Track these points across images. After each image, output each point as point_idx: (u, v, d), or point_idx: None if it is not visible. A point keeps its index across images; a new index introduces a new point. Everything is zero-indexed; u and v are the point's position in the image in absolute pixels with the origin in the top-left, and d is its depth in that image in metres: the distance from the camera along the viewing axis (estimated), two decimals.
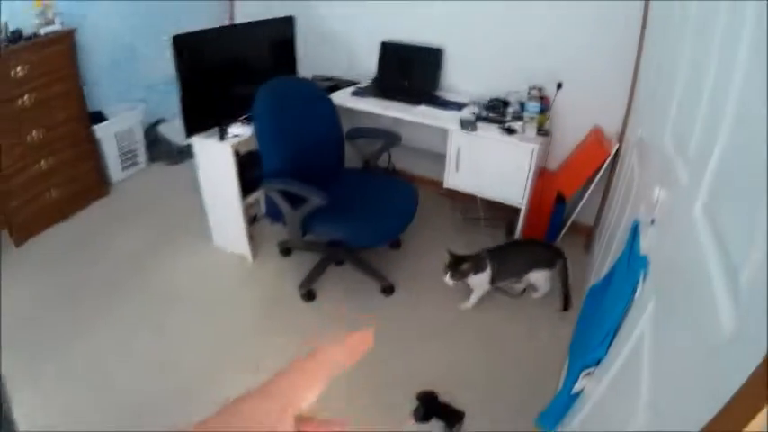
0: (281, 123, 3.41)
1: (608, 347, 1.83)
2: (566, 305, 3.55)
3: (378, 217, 3.45)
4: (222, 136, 3.60)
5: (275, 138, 3.38)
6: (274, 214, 3.50)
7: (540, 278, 3.52)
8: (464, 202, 4.49)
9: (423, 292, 3.75)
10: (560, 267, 3.51)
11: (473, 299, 3.55)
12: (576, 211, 3.92)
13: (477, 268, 3.32)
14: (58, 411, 3.06)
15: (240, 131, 3.62)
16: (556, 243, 4.00)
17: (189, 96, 3.46)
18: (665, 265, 1.54)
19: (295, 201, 3.24)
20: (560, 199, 3.98)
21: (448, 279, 3.29)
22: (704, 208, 1.28)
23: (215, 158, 3.70)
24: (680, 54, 2.02)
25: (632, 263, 1.91)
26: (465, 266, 3.26)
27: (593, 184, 3.78)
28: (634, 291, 1.73)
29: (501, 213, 4.27)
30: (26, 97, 4.11)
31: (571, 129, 4.01)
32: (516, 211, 3.94)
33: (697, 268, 1.18)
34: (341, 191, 3.49)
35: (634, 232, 2.07)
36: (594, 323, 2.17)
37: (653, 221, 1.80)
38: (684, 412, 1.08)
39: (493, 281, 3.43)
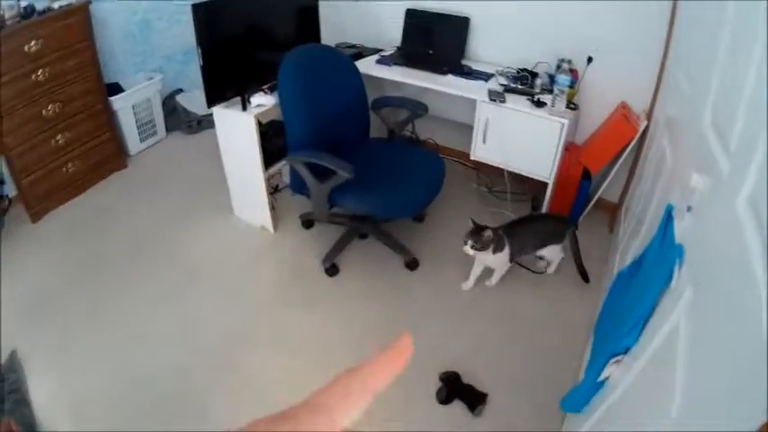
0: (307, 93, 3.31)
1: (638, 336, 1.77)
2: (585, 277, 3.51)
3: (405, 189, 3.36)
4: (245, 106, 3.51)
5: (300, 108, 3.29)
6: (298, 187, 3.41)
7: (553, 252, 3.47)
8: (490, 175, 4.38)
9: (446, 267, 3.67)
10: (571, 239, 3.45)
11: (496, 277, 3.48)
12: (603, 187, 3.83)
13: (497, 246, 3.21)
14: (77, 388, 3.04)
15: (263, 101, 3.51)
16: (579, 219, 3.94)
17: (210, 66, 3.36)
18: (703, 256, 1.46)
19: (320, 173, 3.15)
20: (586, 174, 3.87)
21: (468, 248, 3.17)
22: (749, 201, 1.20)
23: (237, 129, 3.60)
24: (719, 33, 1.92)
25: (666, 250, 1.83)
26: (486, 236, 3.13)
27: (620, 160, 3.68)
28: (668, 280, 1.64)
29: (527, 187, 4.18)
30: (40, 72, 4.05)
31: (598, 104, 3.88)
32: (541, 184, 3.84)
33: (740, 263, 1.12)
34: (367, 162, 3.39)
35: (667, 218, 1.98)
36: (624, 309, 2.11)
37: (689, 209, 1.70)
38: (724, 406, 1.04)
39: (511, 258, 3.35)
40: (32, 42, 3.87)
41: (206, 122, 5.35)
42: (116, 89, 4.80)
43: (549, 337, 3.20)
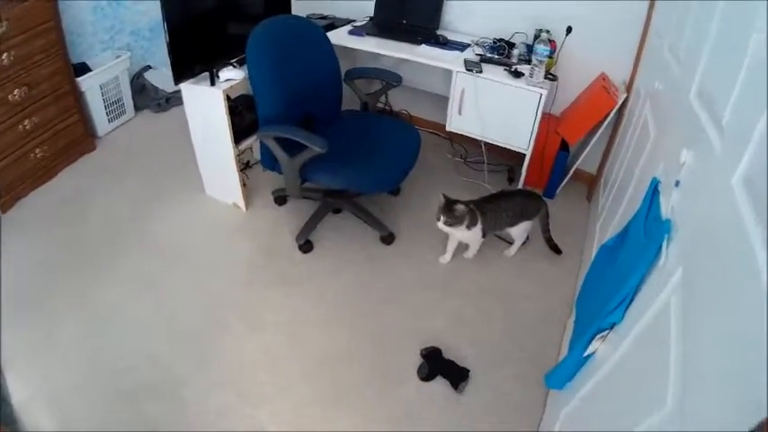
0: (277, 66, 3.22)
1: (624, 311, 1.75)
2: (557, 250, 3.50)
3: (380, 162, 3.29)
4: (213, 81, 3.41)
5: (271, 81, 3.19)
6: (270, 163, 3.33)
7: (523, 229, 3.41)
8: (465, 145, 4.37)
9: (423, 241, 3.63)
10: (542, 215, 3.42)
11: (471, 250, 3.45)
12: (580, 159, 3.79)
13: (470, 221, 3.16)
14: (56, 380, 2.97)
15: (232, 75, 3.43)
16: (557, 190, 3.96)
17: (176, 40, 3.24)
18: (694, 232, 1.44)
19: (292, 147, 3.07)
20: (564, 146, 3.85)
21: (441, 224, 3.13)
22: (744, 180, 1.17)
23: (206, 105, 3.50)
24: (711, 7, 1.89)
25: (653, 225, 1.80)
26: (458, 211, 3.09)
27: (599, 132, 3.65)
28: (656, 255, 1.62)
29: (503, 158, 4.14)
30: (4, 56, 3.91)
31: (577, 74, 3.84)
32: (518, 155, 3.80)
33: (736, 241, 1.09)
34: (340, 135, 3.33)
35: (653, 192, 1.95)
36: (609, 283, 2.07)
37: (677, 183, 1.67)
38: (722, 387, 1.01)
39: (484, 233, 3.31)
40: None
41: (175, 99, 5.26)
42: (83, 69, 4.69)
43: (530, 310, 3.17)
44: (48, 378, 2.99)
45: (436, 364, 2.80)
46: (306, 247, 3.54)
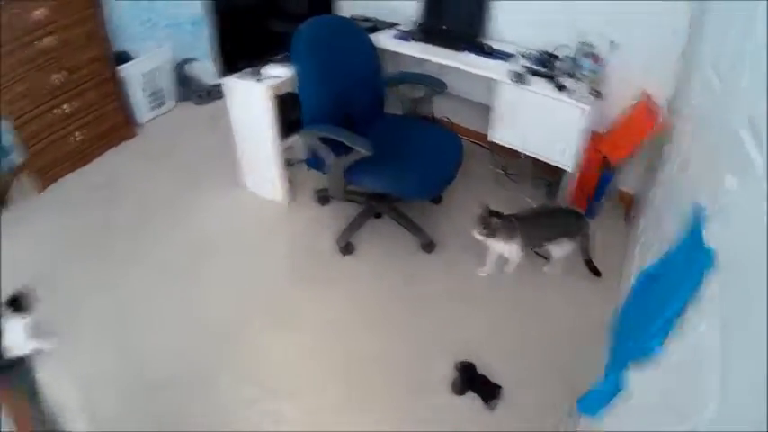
0: (323, 66, 3.21)
1: (664, 339, 1.68)
2: (596, 272, 3.41)
3: (424, 169, 3.26)
4: (258, 77, 3.41)
5: (316, 80, 3.18)
6: (314, 162, 3.31)
7: (562, 248, 3.32)
8: (506, 157, 4.26)
9: (463, 251, 3.56)
10: (583, 235, 3.33)
11: (511, 265, 3.37)
12: (621, 178, 3.75)
13: (508, 235, 3.11)
14: (83, 364, 2.98)
15: (277, 72, 3.43)
16: (597, 210, 3.85)
17: (222, 35, 3.28)
18: (738, 261, 1.38)
19: (337, 148, 3.05)
20: (606, 164, 3.77)
21: (477, 234, 3.08)
22: None
23: (250, 101, 3.51)
24: (751, 28, 1.84)
25: (695, 253, 1.72)
26: (494, 223, 3.03)
27: (641, 151, 3.59)
28: (698, 283, 1.55)
29: (544, 172, 4.06)
30: (46, 40, 4.00)
31: (620, 92, 3.72)
32: (559, 171, 3.74)
33: None
34: (384, 139, 3.28)
35: (696, 218, 1.87)
36: (649, 311, 1.99)
37: (720, 211, 1.63)
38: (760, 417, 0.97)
39: (523, 248, 3.22)
40: (39, 11, 3.81)
41: (216, 93, 5.22)
42: (125, 57, 4.72)
43: (566, 330, 3.11)
44: (73, 359, 3.00)
45: (469, 379, 2.76)
46: (347, 249, 3.53)
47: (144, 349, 3.05)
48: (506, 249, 3.20)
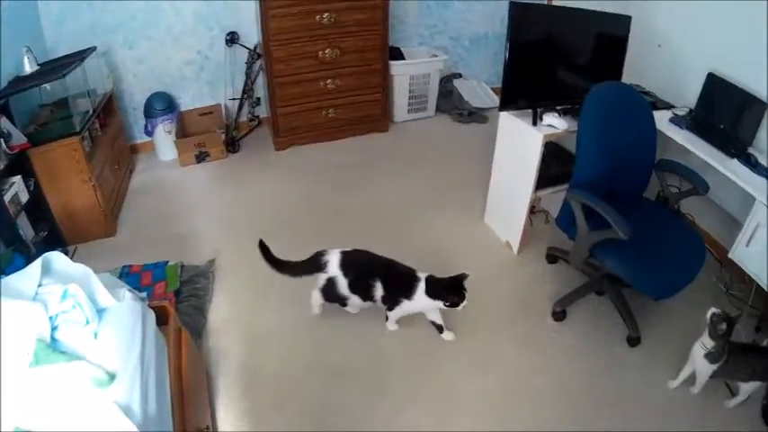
0: (607, 133, 3.15)
1: None
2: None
3: (669, 268, 3.14)
4: (535, 121, 3.40)
5: (597, 145, 3.13)
6: (565, 224, 3.28)
7: (753, 388, 3.09)
8: (733, 275, 4.04)
9: (664, 355, 3.38)
10: None
11: (698, 384, 3.13)
12: None
13: (714, 354, 2.92)
14: (257, 320, 3.30)
15: (555, 122, 3.39)
16: None
17: (514, 67, 3.29)
18: None
19: (592, 219, 3.00)
20: None
21: (709, 315, 2.91)
22: None
23: (520, 141, 3.52)
24: None
25: None
26: (723, 327, 2.84)
27: None
28: None
29: (760, 305, 3.80)
30: (325, 15, 4.22)
31: None
32: None
33: None
34: (639, 224, 3.09)
35: None
36: None
37: None
38: None
39: (716, 374, 3.02)
40: None
41: (478, 116, 5.36)
42: (397, 54, 4.86)
43: None
44: (252, 314, 3.30)
45: None
46: (560, 315, 3.47)
47: (327, 333, 3.22)
48: (702, 365, 3.02)
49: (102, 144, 3.98)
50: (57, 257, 2.03)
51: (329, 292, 3.15)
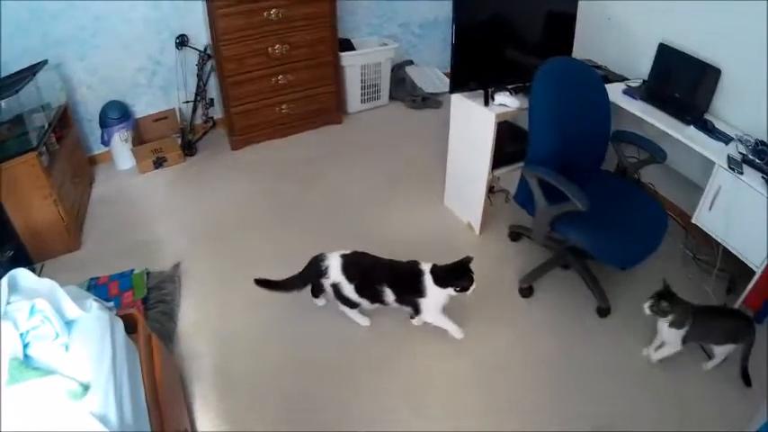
0: (559, 108, 3.19)
1: None
2: (747, 381, 3.19)
3: (630, 236, 3.19)
4: (487, 101, 3.42)
5: (550, 122, 3.17)
6: (524, 200, 3.31)
7: (727, 350, 3.15)
8: (699, 241, 4.11)
9: (636, 324, 3.41)
10: (748, 342, 3.13)
11: (661, 352, 3.18)
12: None
13: (675, 321, 2.98)
14: (226, 323, 3.26)
15: (507, 101, 3.42)
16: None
17: (459, 49, 3.30)
18: None
19: (550, 194, 3.03)
20: None
21: (646, 308, 2.97)
22: None
23: (473, 122, 3.53)
24: None
25: None
26: (665, 305, 2.92)
27: None
28: None
29: (730, 266, 3.83)
30: (273, 11, 4.24)
31: None
32: (745, 268, 3.50)
33: None
34: (598, 196, 3.14)
35: None
36: None
37: None
38: None
39: (684, 340, 3.06)
40: None
41: (431, 101, 5.40)
42: (347, 45, 4.88)
43: (707, 426, 2.95)
44: (221, 315, 3.29)
45: None
46: (527, 292, 3.50)
47: (298, 328, 3.22)
48: (666, 334, 3.08)
49: (61, 158, 3.92)
50: (22, 274, 2.02)
51: (337, 296, 3.13)
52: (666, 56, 4.05)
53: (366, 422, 2.78)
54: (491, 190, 4.24)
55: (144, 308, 3.27)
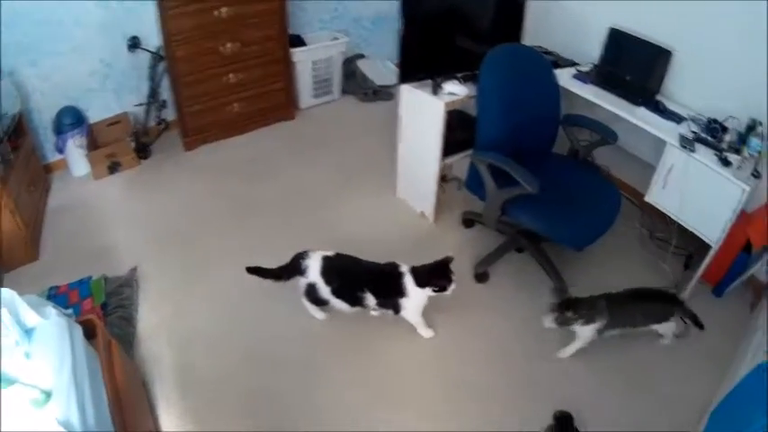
0: (507, 94, 3.22)
1: None
2: (699, 324, 3.23)
3: (582, 217, 3.23)
4: (436, 90, 3.44)
5: (498, 108, 3.21)
6: (474, 186, 3.34)
7: (664, 329, 3.19)
8: (654, 220, 4.17)
9: None
10: (680, 314, 3.17)
11: (572, 348, 3.17)
12: (757, 265, 3.55)
13: (588, 318, 2.98)
14: (185, 322, 3.25)
15: (456, 90, 3.44)
16: (726, 290, 3.73)
17: (408, 40, 3.32)
18: None
19: (500, 178, 3.06)
20: (746, 247, 3.65)
21: (549, 322, 2.99)
22: None
23: (423, 112, 3.55)
24: None
25: None
26: (570, 314, 2.94)
27: None
28: None
29: (687, 242, 3.91)
30: (224, 9, 4.22)
31: None
32: (701, 244, 3.56)
33: None
34: (548, 178, 3.20)
35: None
36: (754, 407, 1.99)
37: None
38: None
39: (600, 332, 3.05)
40: None
41: (383, 94, 5.44)
42: (298, 41, 4.88)
43: (667, 406, 3.00)
44: (175, 315, 3.27)
45: (564, 430, 2.73)
46: (482, 277, 3.53)
47: (257, 324, 3.23)
48: (582, 331, 3.07)
49: (17, 167, 3.85)
50: None
51: (312, 296, 3.12)
52: (617, 40, 4.10)
53: (327, 414, 2.80)
54: (443, 178, 4.25)
55: (103, 314, 3.24)
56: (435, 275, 2.97)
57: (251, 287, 3.30)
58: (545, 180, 3.05)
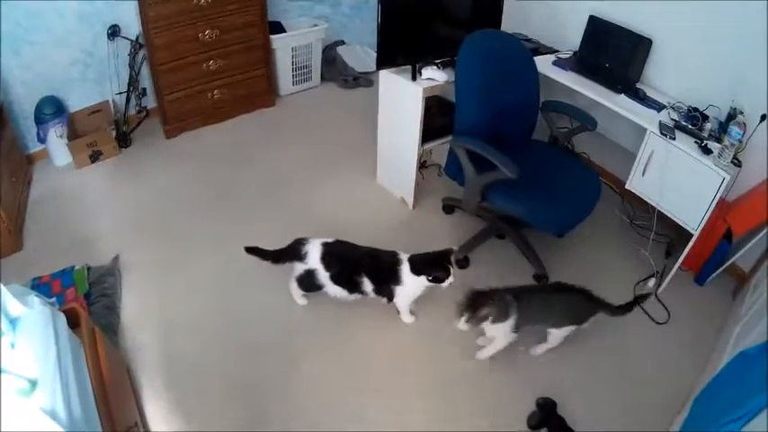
0: (486, 80, 3.22)
1: (742, 427, 1.72)
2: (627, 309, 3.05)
3: (562, 203, 3.23)
4: (414, 76, 3.44)
5: (477, 94, 3.20)
6: (454, 172, 3.35)
7: (564, 334, 3.01)
8: (635, 207, 4.20)
9: None
10: (608, 314, 2.99)
11: (490, 350, 2.99)
12: (739, 253, 3.56)
13: (499, 315, 2.73)
14: (169, 309, 3.24)
15: (435, 75, 3.44)
16: (708, 279, 3.73)
17: (386, 26, 3.29)
18: None
19: (480, 164, 3.06)
20: (728, 235, 3.66)
21: (462, 324, 2.70)
22: None
23: (402, 98, 3.55)
24: None
25: None
26: (484, 311, 2.68)
27: (764, 231, 3.41)
28: None
29: (667, 229, 3.94)
30: None
31: (759, 164, 3.58)
32: (683, 231, 3.58)
33: None
34: (528, 164, 3.18)
35: None
36: (736, 394, 2.01)
37: None
38: None
39: (516, 329, 2.87)
40: None
41: (363, 80, 5.45)
42: (278, 28, 4.88)
43: (651, 391, 3.02)
44: (159, 303, 3.26)
45: (547, 417, 2.75)
46: (463, 263, 3.53)
47: (239, 311, 3.22)
48: (495, 331, 2.88)
49: None
50: None
51: (308, 282, 3.10)
52: (597, 27, 4.10)
53: (311, 400, 2.80)
54: (423, 164, 4.28)
55: (87, 303, 3.21)
56: (432, 266, 2.93)
57: (233, 273, 3.34)
58: (525, 166, 3.04)
